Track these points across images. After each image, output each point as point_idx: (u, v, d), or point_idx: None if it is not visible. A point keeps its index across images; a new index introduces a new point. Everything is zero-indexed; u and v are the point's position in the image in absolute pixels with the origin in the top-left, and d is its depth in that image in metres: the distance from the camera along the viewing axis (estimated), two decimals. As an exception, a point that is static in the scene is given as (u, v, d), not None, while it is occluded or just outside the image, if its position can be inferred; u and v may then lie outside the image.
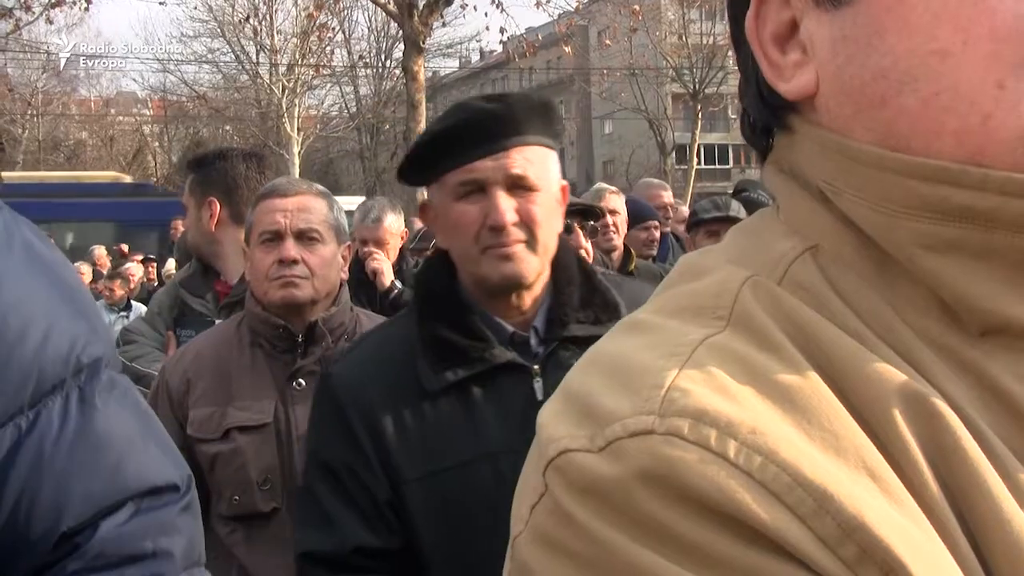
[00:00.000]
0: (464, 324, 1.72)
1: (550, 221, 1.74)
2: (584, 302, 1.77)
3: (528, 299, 1.76)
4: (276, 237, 2.39)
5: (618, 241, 4.46)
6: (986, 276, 0.58)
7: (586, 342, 1.72)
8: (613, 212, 4.46)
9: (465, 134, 1.69)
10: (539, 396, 1.68)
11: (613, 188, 4.98)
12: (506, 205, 1.68)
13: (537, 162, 1.72)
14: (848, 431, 0.54)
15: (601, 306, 1.78)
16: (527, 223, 1.69)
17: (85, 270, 10.60)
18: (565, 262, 1.81)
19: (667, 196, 6.11)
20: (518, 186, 1.69)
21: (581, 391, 0.60)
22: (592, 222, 3.73)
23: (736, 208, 4.03)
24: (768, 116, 0.68)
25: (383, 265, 4.13)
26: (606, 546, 0.53)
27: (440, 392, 1.67)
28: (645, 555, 0.52)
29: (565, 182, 1.82)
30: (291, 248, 2.37)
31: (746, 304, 0.61)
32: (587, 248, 3.46)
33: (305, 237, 2.40)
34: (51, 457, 1.01)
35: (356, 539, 1.64)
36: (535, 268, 1.72)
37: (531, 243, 1.71)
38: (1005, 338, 0.58)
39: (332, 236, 2.46)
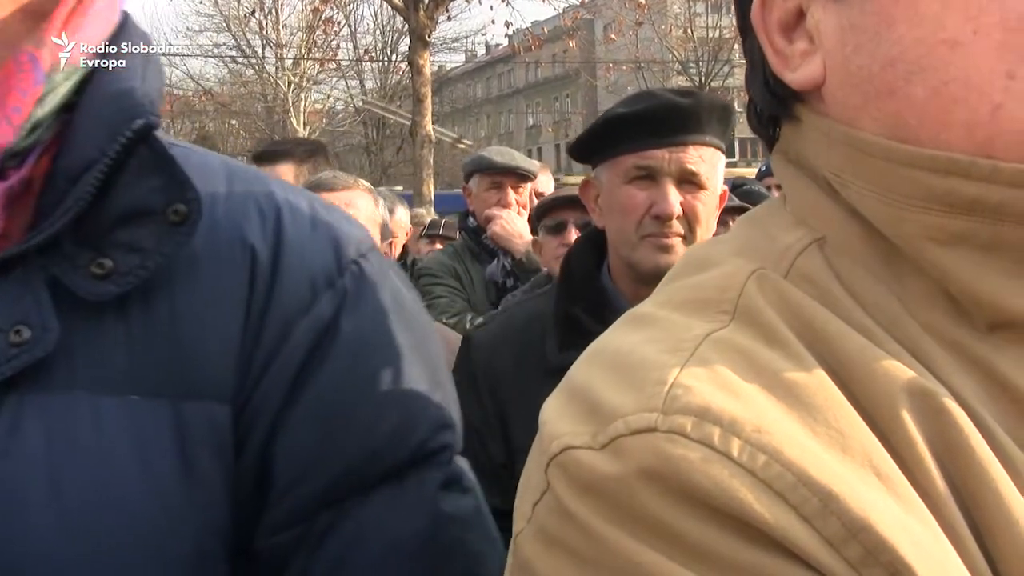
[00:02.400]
0: (598, 308, 1.75)
1: (710, 221, 1.77)
2: None
3: None
4: None
5: None
6: (994, 269, 0.57)
7: None
8: None
9: (650, 121, 1.72)
10: None
11: None
12: (674, 197, 1.71)
13: (709, 162, 1.75)
14: (854, 429, 0.53)
15: None
16: (689, 219, 1.73)
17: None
18: None
19: None
20: (688, 181, 1.73)
21: (584, 386, 0.59)
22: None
23: (735, 200, 3.99)
24: (775, 106, 0.67)
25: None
26: (608, 545, 0.52)
27: (563, 369, 1.69)
28: (647, 554, 0.51)
29: (725, 188, 1.86)
30: None
31: (751, 298, 0.60)
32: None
33: None
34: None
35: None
36: None
37: (689, 239, 1.74)
38: (1014, 332, 0.57)
39: (376, 232, 2.46)
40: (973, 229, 0.57)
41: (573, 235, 2.96)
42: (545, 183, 4.58)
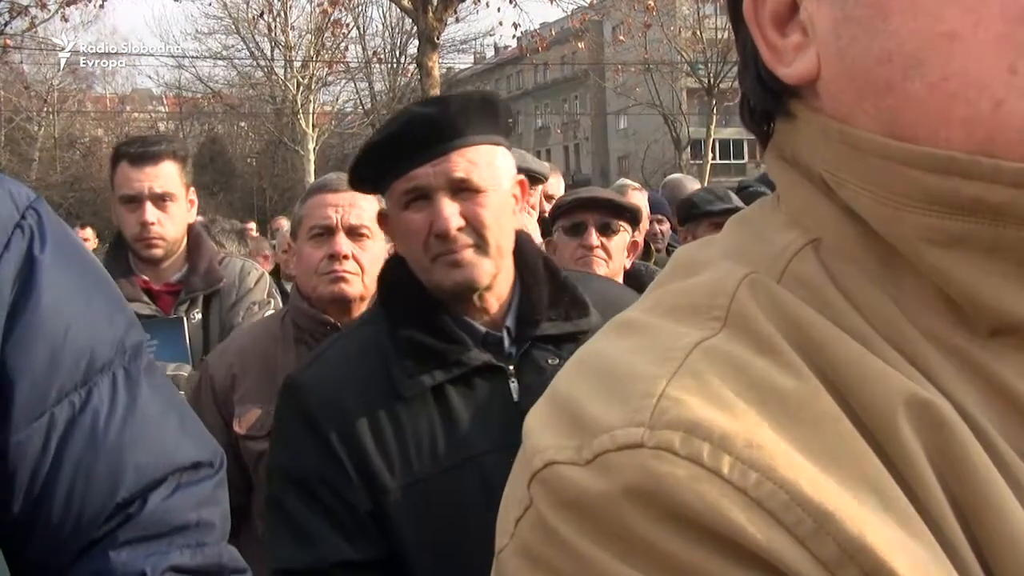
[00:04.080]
0: (437, 326, 1.67)
1: (500, 221, 1.68)
2: (553, 300, 1.74)
3: (493, 300, 1.72)
4: (327, 232, 2.37)
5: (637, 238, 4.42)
6: (996, 273, 0.54)
7: (558, 340, 1.70)
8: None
9: (404, 142, 1.64)
10: (515, 397, 1.65)
11: (636, 185, 4.96)
12: (450, 211, 1.63)
13: (482, 162, 1.66)
14: (850, 442, 0.51)
15: (571, 303, 1.75)
16: (474, 226, 1.65)
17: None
18: (531, 261, 1.77)
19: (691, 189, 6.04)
20: (462, 189, 1.64)
21: (569, 397, 0.57)
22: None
23: (737, 200, 3.94)
24: (768, 102, 0.64)
25: None
26: (591, 565, 0.50)
27: (416, 397, 1.64)
28: (631, 575, 0.49)
29: (522, 176, 1.78)
30: (342, 243, 2.35)
31: (743, 304, 0.57)
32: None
33: (355, 233, 2.38)
34: (104, 431, 1.08)
35: (338, 554, 1.59)
36: (488, 271, 1.68)
37: (481, 246, 1.66)
38: (1015, 338, 0.55)
39: (381, 233, 2.44)
40: (974, 231, 0.54)
41: (593, 237, 2.92)
42: (556, 185, 4.56)
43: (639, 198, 4.68)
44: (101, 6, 17.12)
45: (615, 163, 47.77)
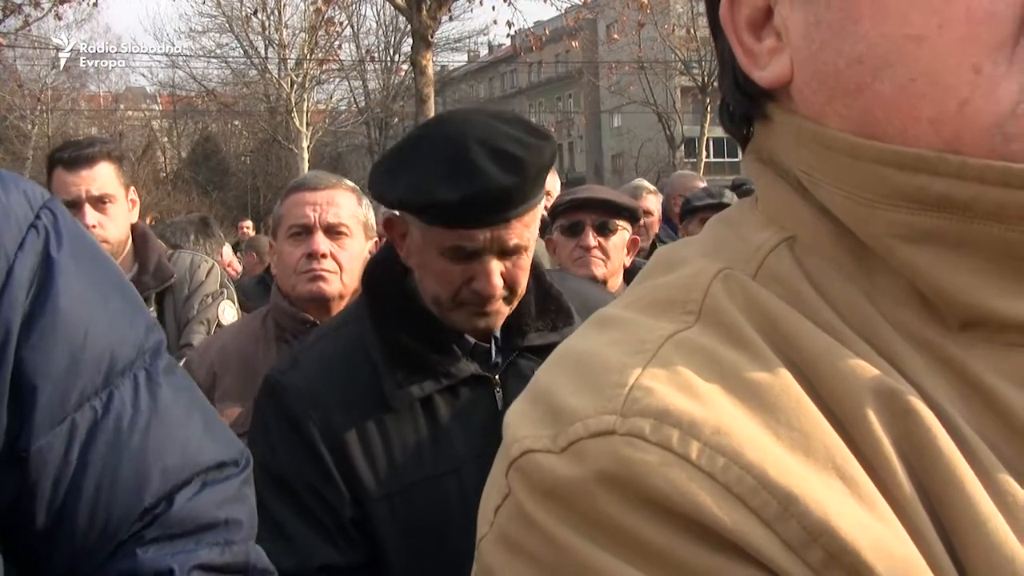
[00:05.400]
0: (427, 335, 1.65)
1: (527, 271, 1.67)
2: (540, 310, 1.74)
3: None
4: (305, 231, 2.38)
5: (646, 243, 4.46)
6: (964, 267, 0.56)
7: (544, 351, 1.67)
8: (648, 213, 4.45)
9: (473, 206, 1.53)
10: (500, 406, 1.65)
11: (652, 187, 4.97)
12: (497, 276, 1.60)
13: (532, 223, 1.63)
14: (818, 430, 0.52)
15: (556, 312, 1.75)
16: (511, 285, 1.64)
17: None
18: None
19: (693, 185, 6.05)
20: (511, 253, 1.62)
21: (546, 389, 0.59)
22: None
23: (730, 196, 4.01)
24: (746, 105, 0.66)
25: None
26: (566, 550, 0.52)
27: (407, 404, 1.63)
28: (605, 559, 0.50)
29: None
30: (320, 242, 2.36)
31: (717, 298, 0.59)
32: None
33: (334, 231, 2.38)
34: (128, 435, 1.06)
35: (321, 557, 1.58)
36: (506, 315, 1.68)
37: (509, 299, 1.66)
38: (984, 331, 0.57)
39: (360, 231, 2.45)
40: (942, 226, 0.56)
41: (591, 238, 2.92)
42: (551, 183, 4.58)
43: (652, 201, 4.71)
44: (95, 4, 17.09)
45: (609, 161, 47.80)
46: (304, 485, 1.61)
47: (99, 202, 3.00)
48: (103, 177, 3.02)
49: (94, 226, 2.94)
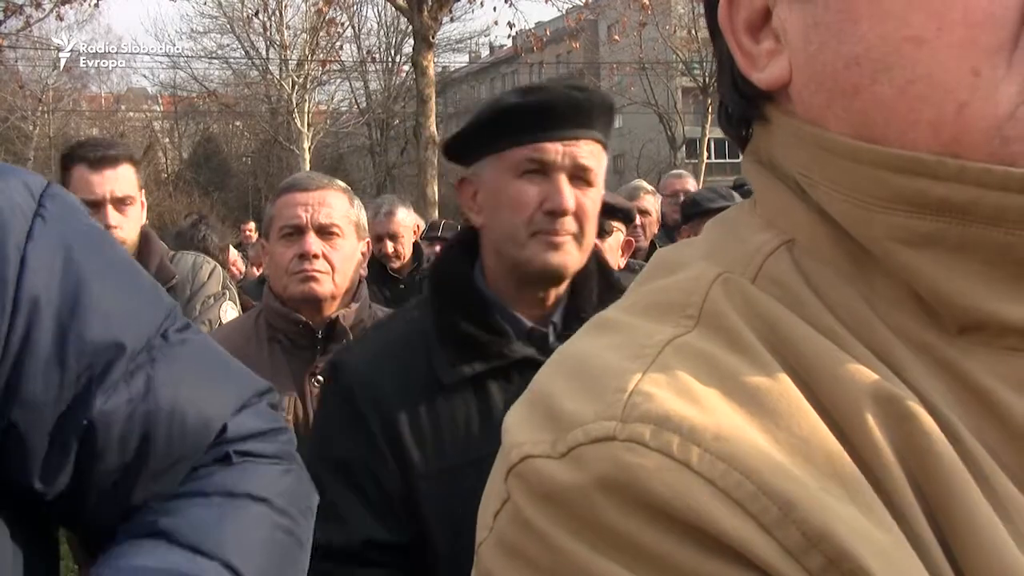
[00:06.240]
0: (482, 317, 1.69)
1: (596, 219, 1.72)
2: (602, 298, 1.74)
3: (553, 294, 1.74)
4: (297, 231, 2.38)
5: (644, 243, 4.45)
6: (963, 271, 0.56)
7: None
8: (644, 213, 4.44)
9: (545, 113, 1.64)
10: None
11: (649, 188, 4.96)
12: (568, 192, 1.65)
13: (597, 158, 1.70)
14: (817, 435, 0.52)
15: None
16: (580, 216, 1.67)
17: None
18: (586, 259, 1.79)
19: (680, 184, 6.00)
20: (580, 177, 1.67)
21: (545, 394, 0.59)
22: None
23: (738, 199, 4.00)
24: (744, 107, 0.66)
25: None
26: (565, 556, 0.51)
27: (456, 386, 1.66)
28: (604, 564, 0.50)
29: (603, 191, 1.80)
30: (312, 242, 2.36)
31: (716, 303, 0.59)
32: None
33: (326, 232, 2.38)
34: (181, 378, 1.14)
35: (367, 532, 1.61)
36: (577, 262, 1.70)
37: (579, 237, 1.68)
38: (983, 335, 0.56)
39: (352, 232, 2.45)
40: (941, 230, 0.56)
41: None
42: (649, 201, 4.61)
43: (651, 202, 4.71)
44: (96, 5, 17.08)
45: (611, 162, 47.68)
46: (356, 460, 1.65)
47: (121, 203, 3.03)
48: (126, 178, 3.05)
49: (115, 227, 2.97)
